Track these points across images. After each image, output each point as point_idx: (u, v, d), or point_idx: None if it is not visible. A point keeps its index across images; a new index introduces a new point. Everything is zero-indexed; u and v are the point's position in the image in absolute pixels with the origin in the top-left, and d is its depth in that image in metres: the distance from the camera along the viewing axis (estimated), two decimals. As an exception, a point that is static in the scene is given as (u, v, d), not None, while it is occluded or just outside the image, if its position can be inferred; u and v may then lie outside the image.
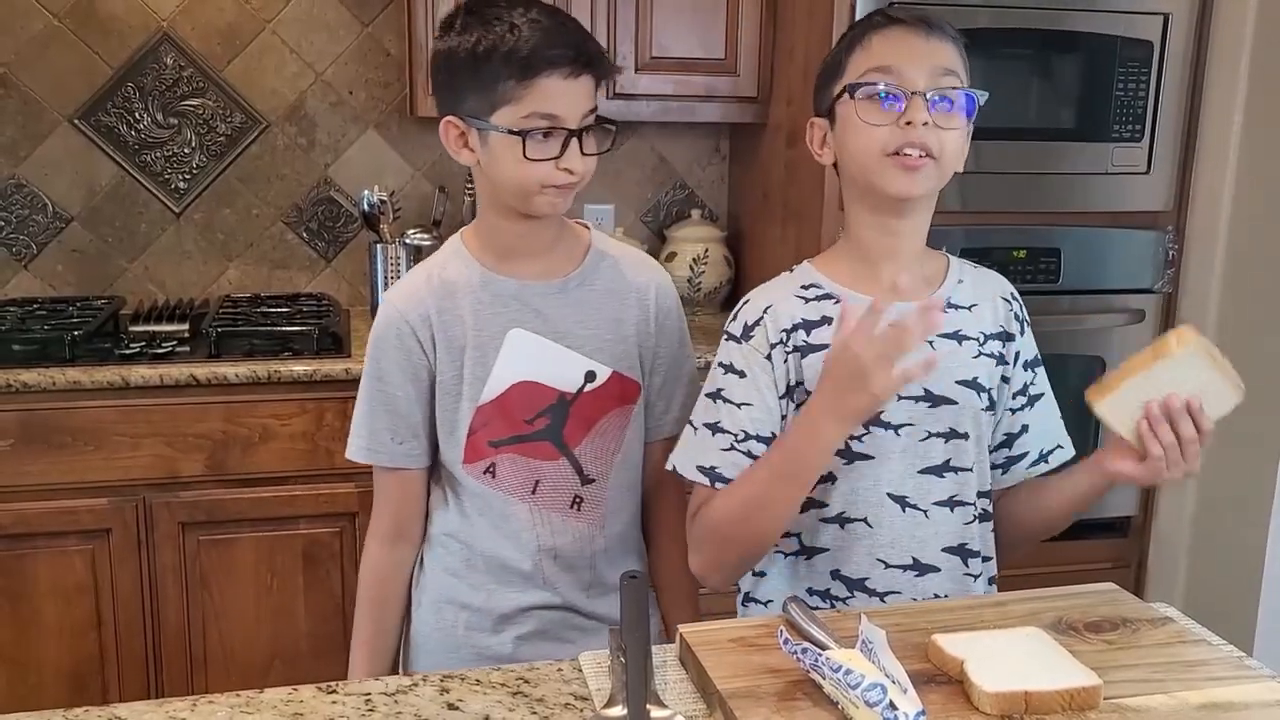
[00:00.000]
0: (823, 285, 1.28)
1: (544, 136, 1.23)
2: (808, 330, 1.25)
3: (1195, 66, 2.28)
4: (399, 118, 2.62)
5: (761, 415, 1.25)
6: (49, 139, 2.47)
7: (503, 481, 1.35)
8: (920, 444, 1.25)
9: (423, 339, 1.32)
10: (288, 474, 2.15)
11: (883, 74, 1.19)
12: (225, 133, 2.56)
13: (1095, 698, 0.97)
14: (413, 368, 1.33)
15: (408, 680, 1.06)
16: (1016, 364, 1.33)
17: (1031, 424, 1.35)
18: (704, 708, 1.02)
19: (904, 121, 1.18)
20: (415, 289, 1.34)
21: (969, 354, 1.27)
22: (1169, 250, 2.35)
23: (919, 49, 1.20)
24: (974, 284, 1.32)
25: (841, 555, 1.26)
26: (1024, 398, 1.34)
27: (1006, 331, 1.32)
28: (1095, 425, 2.34)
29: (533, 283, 1.34)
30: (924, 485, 1.26)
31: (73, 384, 2.04)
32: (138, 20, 2.47)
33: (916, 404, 1.25)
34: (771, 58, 2.45)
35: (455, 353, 1.32)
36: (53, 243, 2.51)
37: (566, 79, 1.23)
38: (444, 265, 1.35)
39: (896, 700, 0.91)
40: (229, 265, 2.62)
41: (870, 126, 1.19)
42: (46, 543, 2.08)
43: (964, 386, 1.26)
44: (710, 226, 2.72)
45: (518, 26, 1.22)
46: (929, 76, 1.19)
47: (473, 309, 1.32)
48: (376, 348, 1.35)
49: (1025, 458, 1.35)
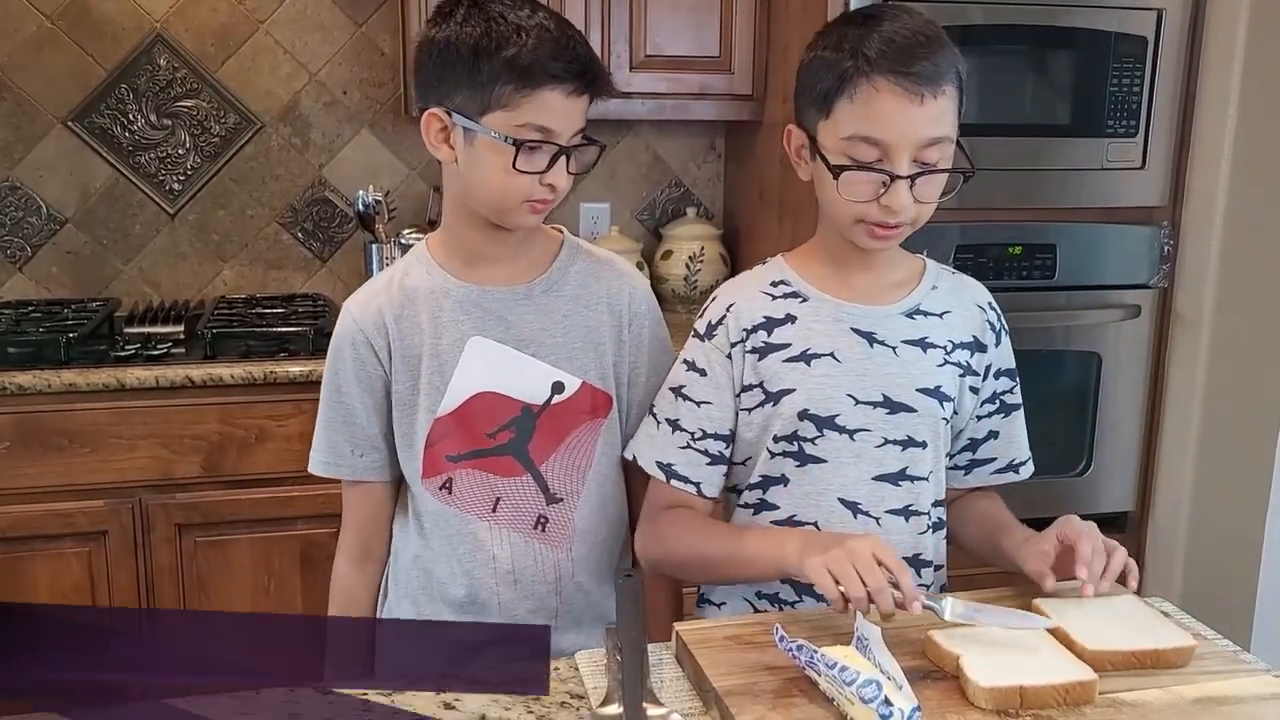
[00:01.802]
0: (791, 283, 1.27)
1: (533, 149, 1.18)
2: (769, 330, 1.25)
3: (1189, 62, 2.28)
4: (393, 117, 2.62)
5: (719, 414, 1.26)
6: (43, 141, 2.46)
7: (459, 498, 1.29)
8: (876, 450, 1.23)
9: (378, 348, 1.27)
10: (284, 475, 2.15)
11: (869, 146, 1.14)
12: (219, 134, 2.55)
13: (1091, 692, 0.97)
14: (368, 378, 1.29)
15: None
16: (989, 374, 1.30)
17: (1002, 431, 1.33)
18: (700, 705, 1.02)
19: (884, 203, 1.15)
20: (373, 296, 1.30)
21: (933, 362, 1.25)
22: (1164, 245, 2.35)
23: (911, 119, 1.13)
24: (949, 291, 1.30)
25: None
26: (995, 405, 1.32)
27: (979, 341, 1.29)
28: (1090, 435, 2.36)
29: (495, 289, 1.28)
30: (878, 492, 1.24)
31: (68, 386, 2.04)
32: (131, 21, 2.46)
33: (874, 409, 1.23)
34: (766, 55, 2.45)
35: (412, 362, 1.27)
36: (47, 245, 2.51)
37: (568, 96, 1.18)
38: (405, 271, 1.30)
39: (892, 696, 0.91)
40: (224, 266, 2.61)
41: (848, 201, 1.17)
42: (43, 545, 2.08)
43: (925, 395, 1.24)
44: (706, 224, 2.72)
45: (525, 30, 1.16)
46: (917, 149, 1.14)
47: (432, 316, 1.27)
48: (334, 357, 1.30)
49: (992, 463, 1.34)
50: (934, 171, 1.16)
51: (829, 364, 1.23)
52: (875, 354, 1.24)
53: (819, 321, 1.24)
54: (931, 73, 1.13)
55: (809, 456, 1.24)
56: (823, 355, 1.23)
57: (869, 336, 1.24)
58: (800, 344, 1.24)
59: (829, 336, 1.24)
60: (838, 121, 1.16)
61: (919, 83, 1.12)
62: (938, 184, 1.18)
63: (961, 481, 1.34)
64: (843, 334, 1.24)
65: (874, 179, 1.15)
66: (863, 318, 1.25)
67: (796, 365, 1.23)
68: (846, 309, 1.25)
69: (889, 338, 1.24)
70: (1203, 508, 2.34)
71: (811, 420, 1.22)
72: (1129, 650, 1.02)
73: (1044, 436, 1.42)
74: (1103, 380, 2.36)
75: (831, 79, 1.16)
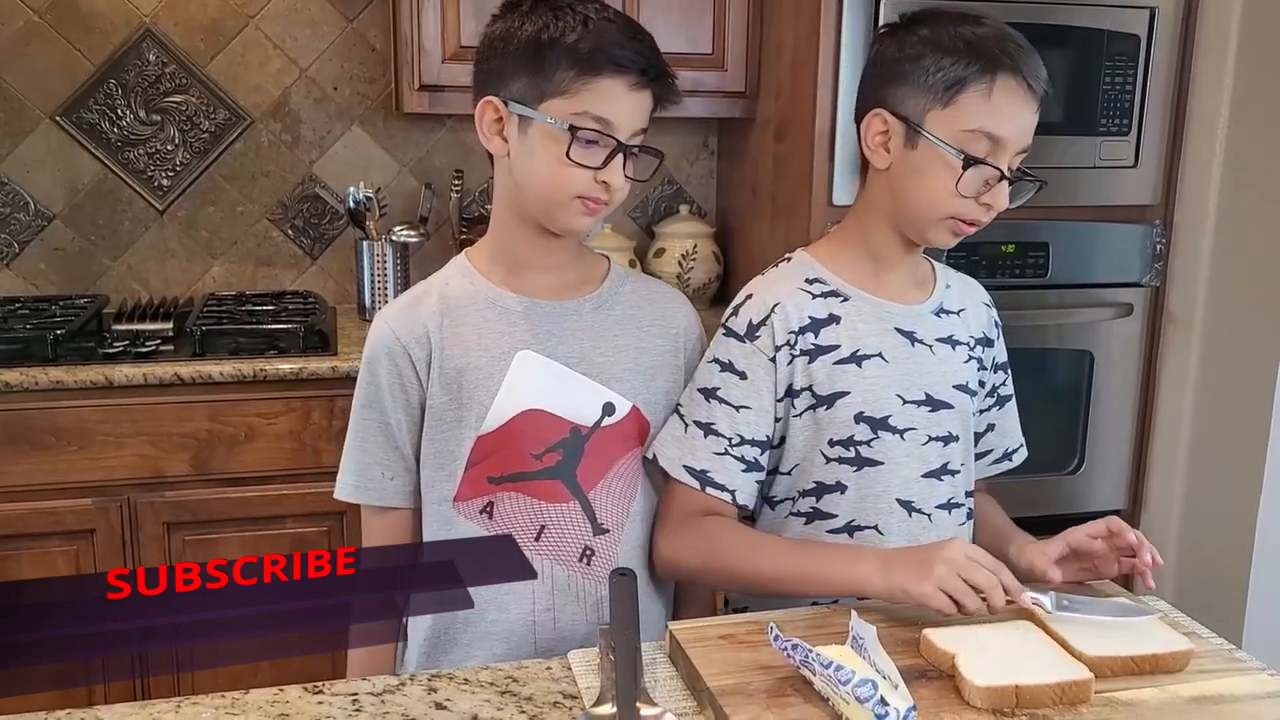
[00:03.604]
0: (827, 280, 1.26)
1: (590, 141, 1.13)
2: (816, 331, 1.23)
3: (1182, 60, 2.28)
4: (384, 114, 2.61)
5: (758, 419, 1.23)
6: (30, 136, 2.45)
7: (500, 523, 1.20)
8: (922, 448, 1.25)
9: (417, 360, 1.20)
10: (274, 473, 2.14)
11: (987, 142, 1.15)
12: (209, 129, 2.54)
13: (1086, 691, 0.97)
14: (405, 393, 1.21)
15: (394, 680, 1.06)
16: (992, 368, 1.34)
17: (998, 424, 1.37)
18: (694, 705, 1.01)
19: (984, 200, 1.17)
20: (412, 306, 1.22)
21: (961, 358, 1.28)
22: (1157, 244, 2.35)
23: (1027, 121, 1.16)
24: (959, 289, 1.33)
25: None
26: (993, 398, 1.36)
27: (987, 337, 1.33)
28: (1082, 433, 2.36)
29: (545, 301, 1.22)
30: (927, 489, 1.25)
31: (56, 384, 2.02)
32: (120, 16, 2.44)
33: (919, 408, 1.24)
34: (759, 52, 2.44)
35: (451, 376, 1.19)
36: (35, 241, 2.49)
37: (630, 88, 1.13)
38: (445, 281, 1.24)
39: (887, 696, 0.90)
40: (213, 263, 2.60)
41: (957, 197, 1.16)
42: (30, 544, 2.06)
43: (959, 390, 1.27)
44: (699, 222, 2.71)
45: (591, 20, 1.14)
46: (1018, 151, 1.17)
47: (476, 327, 1.20)
48: (369, 372, 1.22)
49: (989, 455, 1.38)
50: (1027, 178, 1.18)
51: (878, 364, 1.23)
52: (917, 353, 1.25)
53: (863, 321, 1.24)
54: (1044, 80, 1.16)
55: (865, 460, 1.23)
56: (872, 356, 1.23)
57: (910, 335, 1.25)
58: (850, 345, 1.23)
59: (876, 336, 1.24)
60: (960, 114, 1.15)
61: (1039, 86, 1.16)
62: (1017, 192, 1.20)
63: None
64: (888, 333, 1.24)
65: (990, 175, 1.16)
66: (903, 316, 1.25)
67: (848, 367, 1.22)
68: (887, 308, 1.25)
69: (925, 336, 1.26)
70: (1194, 506, 2.35)
71: (867, 422, 1.22)
72: (1127, 656, 1.02)
73: (1036, 435, 1.43)
74: (1095, 378, 2.37)
75: (960, 69, 1.15)
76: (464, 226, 2.56)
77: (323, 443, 2.14)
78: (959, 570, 1.04)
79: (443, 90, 2.35)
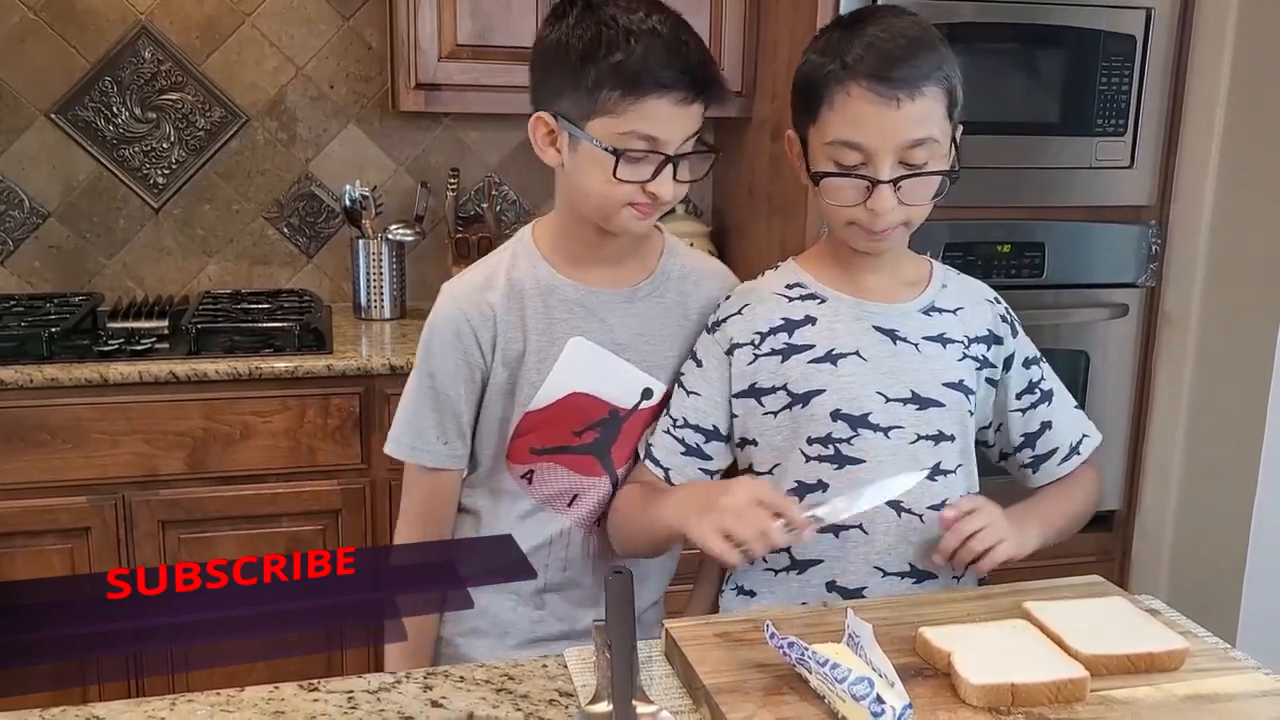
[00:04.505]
0: (807, 284, 1.28)
1: (638, 158, 1.16)
2: (790, 331, 1.25)
3: (1178, 61, 2.29)
4: (380, 112, 2.60)
5: (705, 407, 1.26)
6: (25, 133, 2.44)
7: (538, 489, 1.32)
8: (910, 447, 1.24)
9: (482, 340, 1.26)
10: (269, 472, 2.14)
11: (852, 150, 1.15)
12: (205, 127, 2.53)
13: (1082, 690, 0.97)
14: (469, 368, 1.27)
15: (390, 677, 1.05)
16: (1014, 365, 1.32)
17: (1054, 420, 1.34)
18: (690, 703, 1.01)
19: (869, 205, 1.16)
20: (480, 287, 1.28)
21: (954, 356, 1.27)
22: (1152, 244, 2.36)
23: (889, 123, 1.13)
24: (958, 289, 1.32)
25: (838, 566, 1.25)
26: (1034, 394, 1.33)
27: (994, 334, 1.31)
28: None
29: (601, 290, 1.28)
30: (917, 489, 1.23)
31: (50, 381, 2.02)
32: (115, 13, 2.44)
33: (904, 406, 1.24)
34: (755, 52, 2.44)
35: (512, 354, 1.27)
36: (29, 238, 2.49)
37: (676, 104, 1.15)
38: (512, 264, 1.29)
39: (883, 694, 0.90)
40: (209, 261, 2.59)
41: (834, 206, 1.18)
42: (25, 542, 2.06)
43: (950, 389, 1.26)
44: (695, 222, 2.71)
45: (635, 35, 1.14)
46: (900, 152, 1.15)
47: (536, 313, 1.27)
48: (434, 343, 1.28)
49: (1055, 454, 1.34)
50: (916, 175, 1.15)
51: (855, 362, 1.23)
52: (899, 351, 1.24)
53: (840, 321, 1.25)
54: (909, 75, 1.13)
55: (846, 458, 1.23)
56: (848, 354, 1.23)
57: (891, 334, 1.25)
58: (825, 344, 1.24)
59: (852, 335, 1.24)
60: (822, 129, 1.17)
61: (895, 86, 1.12)
62: (927, 185, 1.18)
63: (1032, 480, 1.34)
64: (865, 332, 1.24)
65: (856, 184, 1.15)
66: (882, 315, 1.25)
67: (823, 366, 1.23)
68: (866, 307, 1.25)
69: (910, 334, 1.25)
70: (1190, 505, 2.35)
71: (845, 420, 1.22)
72: (1123, 654, 1.02)
73: (1032, 434, 1.44)
74: (1090, 379, 2.37)
75: (815, 85, 1.17)
76: (459, 225, 2.56)
77: (318, 441, 2.14)
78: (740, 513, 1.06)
79: (439, 89, 2.34)
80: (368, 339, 2.36)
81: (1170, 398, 2.37)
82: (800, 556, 1.26)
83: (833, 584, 1.25)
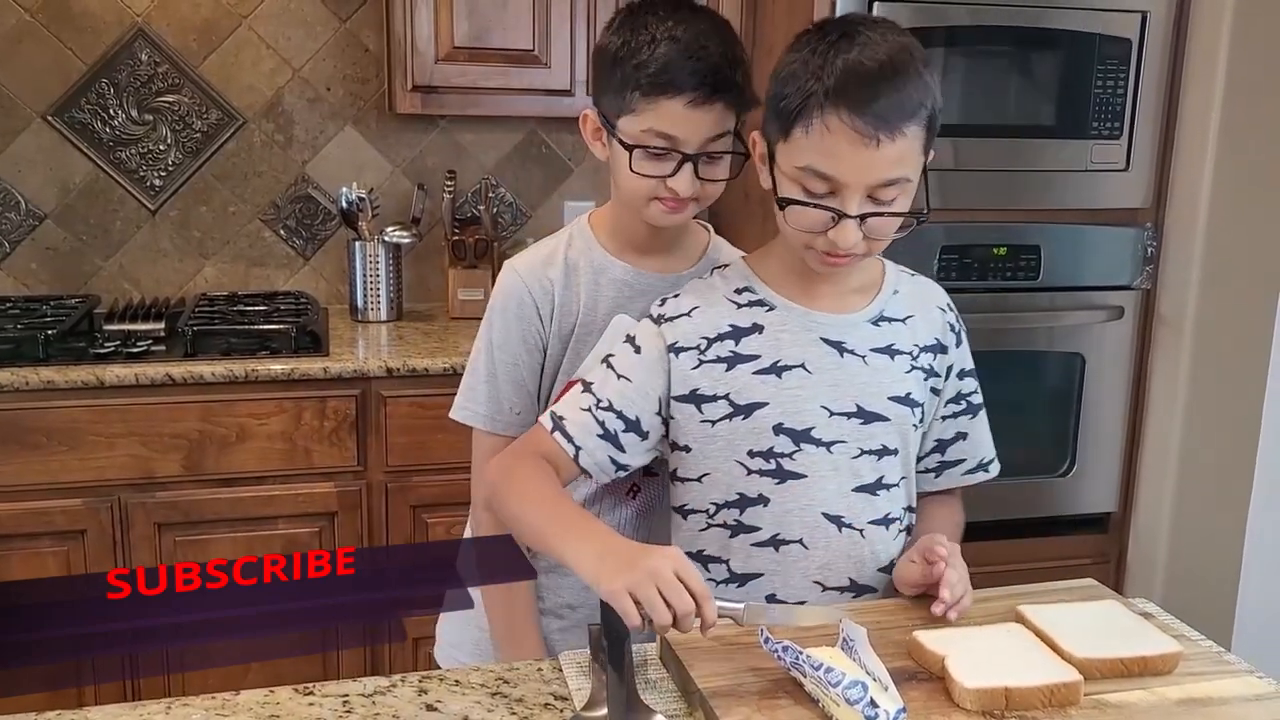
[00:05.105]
0: (757, 290, 1.24)
1: (658, 155, 1.23)
2: (736, 339, 1.21)
3: (1173, 64, 2.29)
4: (377, 114, 2.60)
5: (634, 396, 1.22)
6: (22, 135, 2.44)
7: None
8: (852, 461, 1.21)
9: (543, 312, 1.34)
10: (265, 474, 2.14)
11: (821, 180, 1.11)
12: (201, 129, 2.53)
13: (1076, 693, 0.97)
14: (533, 337, 1.35)
15: (385, 681, 1.05)
16: (950, 375, 1.29)
17: (971, 433, 1.33)
18: (685, 707, 1.01)
19: (831, 235, 1.12)
20: (542, 264, 1.35)
21: (901, 369, 1.24)
22: (1148, 247, 2.36)
23: (865, 161, 1.09)
24: (910, 294, 1.28)
25: (778, 579, 1.22)
26: (960, 405, 1.31)
27: (940, 343, 1.28)
28: (1073, 435, 2.37)
29: (649, 274, 1.36)
30: (858, 504, 1.22)
31: (46, 384, 2.02)
32: (112, 16, 2.44)
33: (849, 420, 1.21)
34: (752, 54, 2.43)
35: (567, 329, 1.35)
36: (26, 240, 2.48)
37: (689, 105, 1.21)
38: (569, 244, 1.37)
39: (877, 698, 0.90)
40: (205, 263, 2.59)
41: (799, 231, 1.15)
42: (21, 544, 2.05)
43: (896, 403, 1.23)
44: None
45: (659, 39, 1.22)
46: (870, 189, 1.11)
47: (588, 290, 1.35)
48: (500, 315, 1.35)
49: (962, 464, 1.33)
50: (884, 215, 1.13)
51: (800, 375, 1.20)
52: (846, 363, 1.21)
53: (787, 331, 1.22)
54: (891, 113, 1.08)
55: (788, 472, 1.20)
56: (794, 366, 1.20)
57: (839, 346, 1.21)
58: (770, 355, 1.21)
59: (799, 346, 1.21)
60: (793, 149, 1.13)
61: (876, 125, 1.08)
62: (894, 222, 1.14)
63: (933, 484, 1.33)
64: (813, 344, 1.21)
65: (822, 215, 1.12)
66: (831, 327, 1.22)
67: (768, 377, 1.20)
68: (815, 318, 1.22)
69: (858, 346, 1.22)
70: (1185, 509, 2.35)
71: (787, 434, 1.20)
72: (1116, 658, 1.02)
73: (1027, 437, 1.42)
74: (1086, 381, 2.37)
75: (791, 103, 1.12)
76: (456, 227, 2.56)
77: (314, 443, 2.14)
78: (660, 584, 0.99)
79: (436, 91, 2.35)
80: (364, 341, 2.36)
81: (1165, 400, 2.37)
82: (739, 570, 1.23)
83: (772, 597, 1.23)
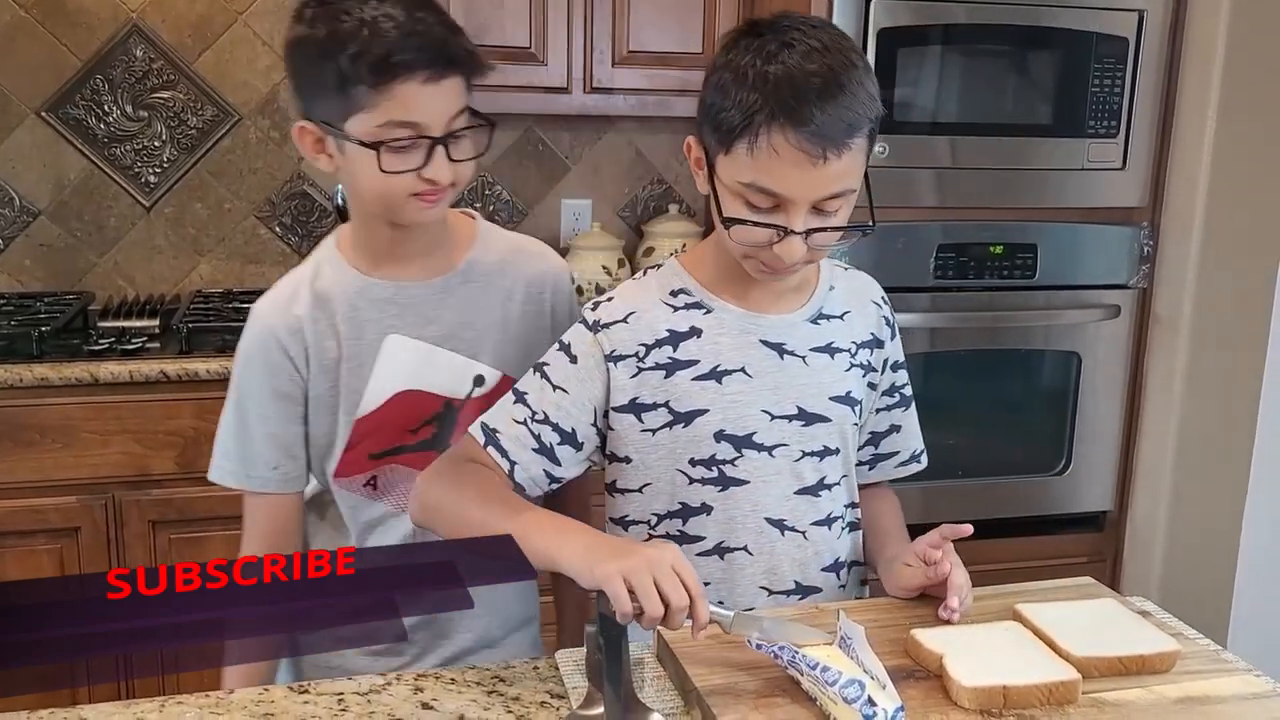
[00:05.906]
0: (692, 292, 1.20)
1: (404, 146, 1.12)
2: (674, 345, 1.17)
3: (1170, 63, 2.29)
4: (373, 111, 2.60)
5: (571, 408, 1.16)
6: (16, 131, 2.43)
7: (384, 493, 1.27)
8: (795, 464, 1.19)
9: (294, 354, 1.22)
10: (261, 471, 2.13)
11: (766, 196, 1.07)
12: (196, 126, 2.52)
13: (1074, 692, 0.97)
14: (285, 385, 1.23)
15: (380, 679, 1.05)
16: (885, 369, 1.28)
17: (904, 425, 1.32)
18: (682, 705, 1.01)
19: (776, 249, 1.09)
20: (285, 301, 1.24)
21: (841, 367, 1.22)
22: (1144, 245, 2.36)
23: (811, 178, 1.06)
24: (846, 290, 1.26)
25: (725, 588, 1.20)
26: (895, 398, 1.31)
27: (877, 338, 1.27)
28: (1069, 434, 2.37)
29: (411, 284, 1.24)
30: (800, 507, 1.20)
31: (41, 380, 2.01)
32: (107, 12, 2.43)
33: (790, 423, 1.18)
34: (749, 52, 2.44)
35: (329, 365, 1.23)
36: (20, 237, 2.47)
37: (426, 84, 1.11)
38: (316, 274, 1.25)
39: (875, 696, 0.90)
40: (200, 260, 2.58)
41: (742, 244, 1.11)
42: (15, 542, 2.05)
43: (837, 402, 1.21)
44: (688, 221, 2.71)
45: (369, 22, 1.10)
46: (814, 203, 1.08)
47: (347, 317, 1.23)
48: (245, 367, 1.24)
49: (895, 456, 1.33)
50: (831, 230, 1.10)
51: (741, 380, 1.17)
52: (786, 365, 1.19)
53: (726, 334, 1.18)
54: (838, 131, 1.05)
55: (730, 479, 1.18)
56: (734, 371, 1.17)
57: (779, 348, 1.19)
58: (710, 360, 1.17)
59: (738, 350, 1.18)
60: (736, 165, 1.08)
61: (823, 144, 1.05)
62: (836, 232, 1.12)
63: (866, 477, 1.31)
64: (752, 346, 1.18)
65: (768, 231, 1.09)
66: (770, 328, 1.19)
67: (708, 384, 1.17)
68: (753, 320, 1.19)
69: (798, 347, 1.20)
70: (1181, 507, 2.36)
71: (729, 441, 1.17)
72: (1114, 656, 1.02)
73: (1023, 436, 1.42)
74: (1082, 380, 2.37)
75: (731, 118, 1.07)
76: (453, 225, 2.55)
77: (310, 441, 2.13)
78: (657, 573, 0.95)
79: (432, 88, 2.34)
80: (360, 339, 2.36)
81: (1162, 399, 2.37)
82: None
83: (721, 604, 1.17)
